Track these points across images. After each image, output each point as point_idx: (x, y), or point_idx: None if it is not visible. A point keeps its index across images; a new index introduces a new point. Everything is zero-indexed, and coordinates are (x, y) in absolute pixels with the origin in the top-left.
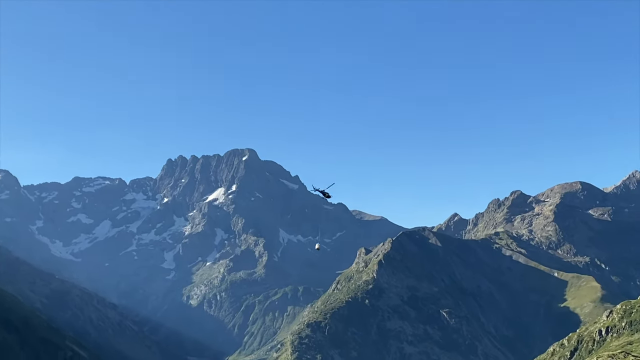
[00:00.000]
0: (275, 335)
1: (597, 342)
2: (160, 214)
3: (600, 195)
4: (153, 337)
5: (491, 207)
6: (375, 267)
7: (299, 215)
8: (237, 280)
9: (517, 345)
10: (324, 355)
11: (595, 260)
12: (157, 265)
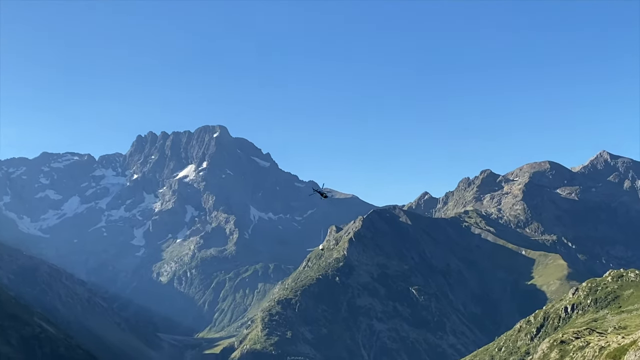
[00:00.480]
0: (246, 312)
1: (562, 319)
2: (130, 190)
3: (568, 175)
4: (122, 314)
5: (461, 186)
6: (346, 244)
7: (270, 193)
8: (208, 258)
9: (484, 322)
10: (294, 331)
11: (562, 238)
12: (127, 242)
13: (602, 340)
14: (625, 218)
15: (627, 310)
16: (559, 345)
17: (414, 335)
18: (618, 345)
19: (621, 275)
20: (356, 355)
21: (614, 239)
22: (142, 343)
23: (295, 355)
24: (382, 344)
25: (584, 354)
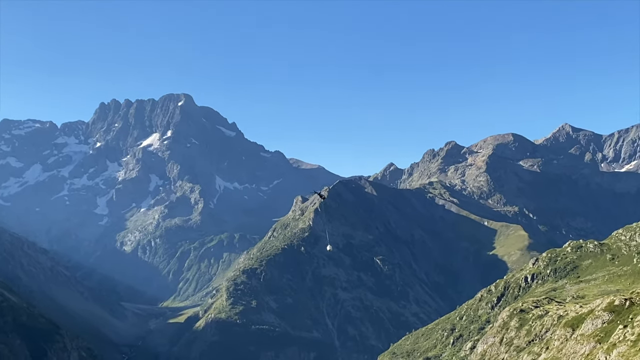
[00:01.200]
0: (211, 282)
1: (522, 288)
2: (93, 158)
3: (531, 147)
4: (86, 283)
5: (426, 157)
6: (312, 215)
7: (236, 163)
8: (172, 227)
9: (447, 291)
10: (259, 301)
11: (524, 210)
12: (90, 210)
13: (561, 310)
14: (585, 190)
15: (585, 280)
16: (519, 314)
17: (378, 304)
18: (576, 315)
19: (580, 246)
20: (320, 324)
21: (574, 211)
22: (105, 312)
23: (260, 324)
24: (346, 312)
25: (543, 323)
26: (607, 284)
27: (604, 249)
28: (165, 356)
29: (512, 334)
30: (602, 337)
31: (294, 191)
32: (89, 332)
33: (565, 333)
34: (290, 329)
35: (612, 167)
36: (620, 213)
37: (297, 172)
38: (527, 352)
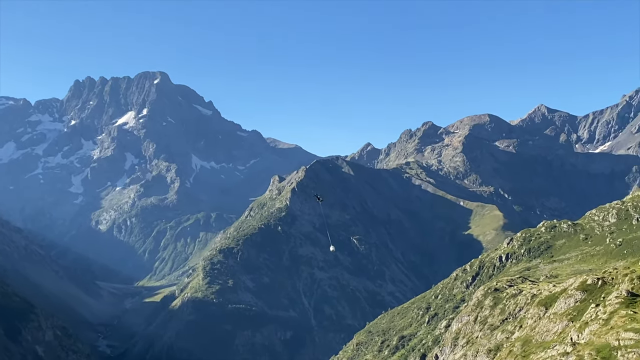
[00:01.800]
0: (187, 261)
1: (497, 267)
2: (68, 136)
3: (507, 128)
4: (60, 262)
5: (403, 137)
6: (289, 194)
7: (213, 142)
8: (148, 206)
9: (422, 270)
10: (236, 280)
11: (499, 190)
12: (65, 189)
13: (534, 289)
14: (560, 171)
15: (558, 259)
16: (493, 292)
17: (354, 283)
18: (549, 293)
19: (554, 226)
20: (297, 303)
21: (548, 191)
22: (80, 291)
23: (236, 304)
24: (322, 292)
25: (517, 302)
26: (580, 264)
27: (577, 229)
28: (141, 335)
29: (486, 312)
30: (575, 315)
31: (271, 170)
32: (64, 311)
33: (538, 312)
34: (267, 308)
35: (586, 148)
36: (593, 194)
37: (274, 152)
38: (501, 330)
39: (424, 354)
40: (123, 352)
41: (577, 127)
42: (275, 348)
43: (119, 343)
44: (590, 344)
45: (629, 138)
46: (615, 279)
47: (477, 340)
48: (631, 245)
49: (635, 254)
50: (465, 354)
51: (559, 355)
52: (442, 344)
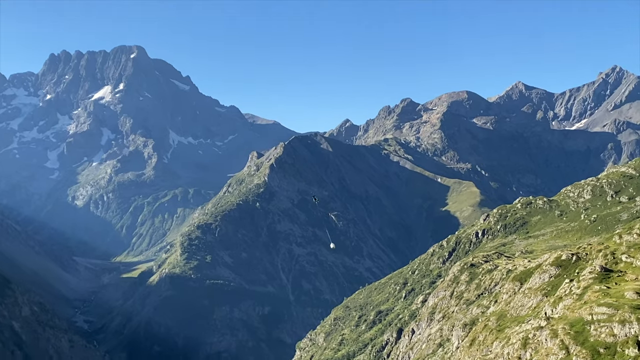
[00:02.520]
0: (165, 237)
1: (473, 243)
2: (43, 111)
3: (485, 105)
4: (37, 237)
5: (382, 114)
6: (267, 170)
7: (190, 117)
8: (125, 182)
9: (400, 246)
10: (214, 256)
11: (477, 167)
12: (40, 164)
13: (510, 264)
14: (536, 148)
15: (534, 235)
16: (469, 268)
17: (332, 259)
18: (524, 269)
19: (530, 202)
20: (275, 279)
21: (525, 168)
22: (57, 267)
23: (214, 279)
24: (301, 267)
25: (492, 277)
26: (555, 240)
27: (552, 206)
28: (118, 311)
29: (462, 287)
30: (549, 290)
31: (249, 147)
32: (41, 286)
33: (513, 287)
34: (245, 283)
35: (562, 125)
36: (569, 170)
37: (252, 128)
38: (477, 305)
39: (401, 328)
40: (100, 327)
41: (553, 104)
42: (254, 323)
43: (97, 318)
44: (564, 319)
45: (605, 115)
46: (589, 255)
47: (453, 315)
48: (605, 222)
49: (609, 230)
50: (441, 329)
51: (533, 330)
52: (419, 319)
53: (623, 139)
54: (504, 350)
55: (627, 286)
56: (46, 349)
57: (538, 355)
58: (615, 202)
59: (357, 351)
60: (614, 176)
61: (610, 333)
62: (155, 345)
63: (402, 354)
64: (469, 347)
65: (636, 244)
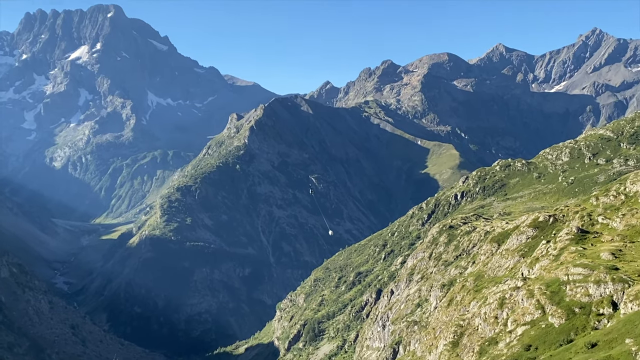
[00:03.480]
0: (144, 199)
1: (452, 205)
2: (19, 71)
3: (465, 67)
4: (15, 199)
5: (362, 76)
6: (247, 132)
7: (169, 78)
8: (104, 143)
9: (379, 208)
10: (194, 218)
11: (456, 129)
12: (17, 125)
13: (488, 226)
14: (516, 110)
15: (512, 197)
16: (448, 230)
17: (312, 221)
18: (502, 230)
19: (508, 164)
20: (255, 241)
21: (504, 130)
22: (36, 228)
23: (195, 241)
24: (281, 229)
25: (470, 238)
26: (533, 201)
27: (531, 168)
28: (98, 272)
29: (440, 249)
30: (526, 251)
31: (229, 108)
32: (19, 248)
33: (491, 248)
34: (226, 245)
35: (542, 88)
36: (548, 133)
37: (232, 89)
38: (455, 266)
39: (380, 289)
40: (81, 289)
41: (533, 66)
42: (234, 284)
43: (77, 280)
44: (540, 279)
45: (584, 78)
46: (566, 217)
47: (431, 276)
48: (582, 184)
49: (587, 192)
50: (419, 289)
51: (510, 290)
52: (398, 280)
53: (602, 102)
54: (481, 310)
55: (603, 247)
56: (26, 311)
57: (514, 315)
58: (593, 164)
59: (336, 311)
60: (592, 139)
61: (586, 293)
62: (136, 307)
63: (381, 314)
64: (446, 307)
65: (612, 206)
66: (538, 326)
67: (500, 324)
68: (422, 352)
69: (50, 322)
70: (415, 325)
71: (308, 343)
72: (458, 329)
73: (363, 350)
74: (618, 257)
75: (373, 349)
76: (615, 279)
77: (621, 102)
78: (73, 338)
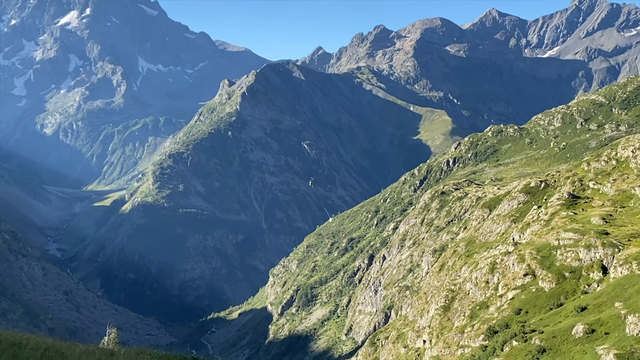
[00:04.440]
0: (136, 166)
1: (444, 171)
2: (8, 37)
3: (458, 32)
4: (6, 166)
5: (355, 41)
6: (239, 99)
7: (159, 44)
8: (95, 110)
9: (372, 175)
10: (187, 184)
11: (449, 95)
12: (7, 91)
13: (479, 191)
14: (508, 76)
15: (504, 163)
16: (440, 196)
17: (305, 188)
18: (493, 196)
19: (501, 130)
20: (248, 207)
21: (496, 96)
22: (28, 195)
23: (187, 208)
24: (273, 196)
25: (462, 204)
26: (525, 167)
27: (523, 134)
28: (91, 239)
29: (432, 215)
30: (517, 217)
31: (220, 74)
32: (12, 215)
33: (482, 213)
34: (218, 212)
35: (535, 53)
36: (540, 98)
37: (223, 55)
38: (446, 231)
39: (372, 255)
40: (74, 256)
41: (526, 31)
42: (227, 250)
43: (70, 246)
44: (531, 244)
45: (577, 43)
46: (557, 182)
47: (423, 242)
48: (574, 149)
49: (578, 157)
50: (411, 255)
51: (501, 255)
52: (390, 245)
53: (594, 67)
54: (472, 274)
55: (594, 212)
56: (19, 277)
57: (505, 280)
58: (585, 129)
59: (329, 277)
60: (584, 104)
61: (576, 257)
62: (129, 273)
63: (373, 279)
64: (438, 272)
65: (604, 171)
66: (528, 290)
67: (491, 289)
68: (414, 316)
69: (44, 289)
70: (407, 290)
71: (301, 308)
72: (449, 294)
73: (355, 314)
74: (608, 222)
75: (365, 313)
76: (605, 244)
77: (614, 67)
78: (67, 304)
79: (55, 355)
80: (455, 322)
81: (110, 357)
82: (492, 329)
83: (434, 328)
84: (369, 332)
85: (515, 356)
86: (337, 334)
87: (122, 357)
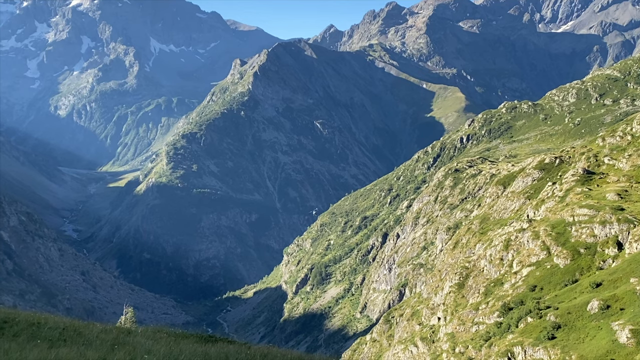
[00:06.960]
0: (150, 146)
1: (458, 149)
2: (20, 19)
3: (471, 8)
4: (21, 148)
5: (367, 18)
6: (251, 78)
7: (171, 24)
8: (108, 91)
9: (385, 153)
10: (200, 165)
11: (462, 71)
12: (20, 73)
13: (493, 168)
14: (522, 51)
15: (518, 140)
16: (453, 173)
17: (318, 167)
18: (508, 173)
19: (515, 106)
20: (261, 187)
21: (510, 72)
22: (43, 177)
23: (201, 188)
24: (286, 175)
25: (476, 181)
26: (539, 143)
27: (537, 110)
28: (107, 219)
29: (446, 192)
30: (532, 193)
31: (232, 54)
32: (28, 197)
33: (496, 190)
34: (232, 192)
35: (549, 28)
36: (555, 74)
37: (234, 34)
38: (460, 209)
39: (386, 233)
40: (90, 236)
41: (540, 6)
42: (241, 230)
43: (85, 227)
44: (546, 221)
45: (591, 17)
46: (572, 158)
47: (437, 219)
48: (589, 125)
49: (593, 133)
50: (425, 232)
51: (516, 232)
52: (404, 223)
53: (609, 41)
54: (487, 252)
55: (609, 188)
56: (36, 258)
57: (520, 256)
58: (600, 105)
59: (343, 255)
60: (599, 79)
61: (591, 234)
62: (145, 253)
63: (387, 257)
64: (452, 249)
65: (619, 147)
66: (543, 267)
67: (506, 266)
68: (428, 293)
69: (61, 269)
70: (421, 267)
71: (315, 286)
72: (464, 271)
73: (370, 292)
74: (624, 198)
75: (379, 291)
76: (620, 220)
77: (629, 42)
78: (84, 284)
79: (73, 334)
80: (469, 299)
81: (127, 336)
82: (507, 305)
83: (448, 305)
84: (384, 309)
85: (530, 332)
86: (351, 312)
87: (140, 336)
